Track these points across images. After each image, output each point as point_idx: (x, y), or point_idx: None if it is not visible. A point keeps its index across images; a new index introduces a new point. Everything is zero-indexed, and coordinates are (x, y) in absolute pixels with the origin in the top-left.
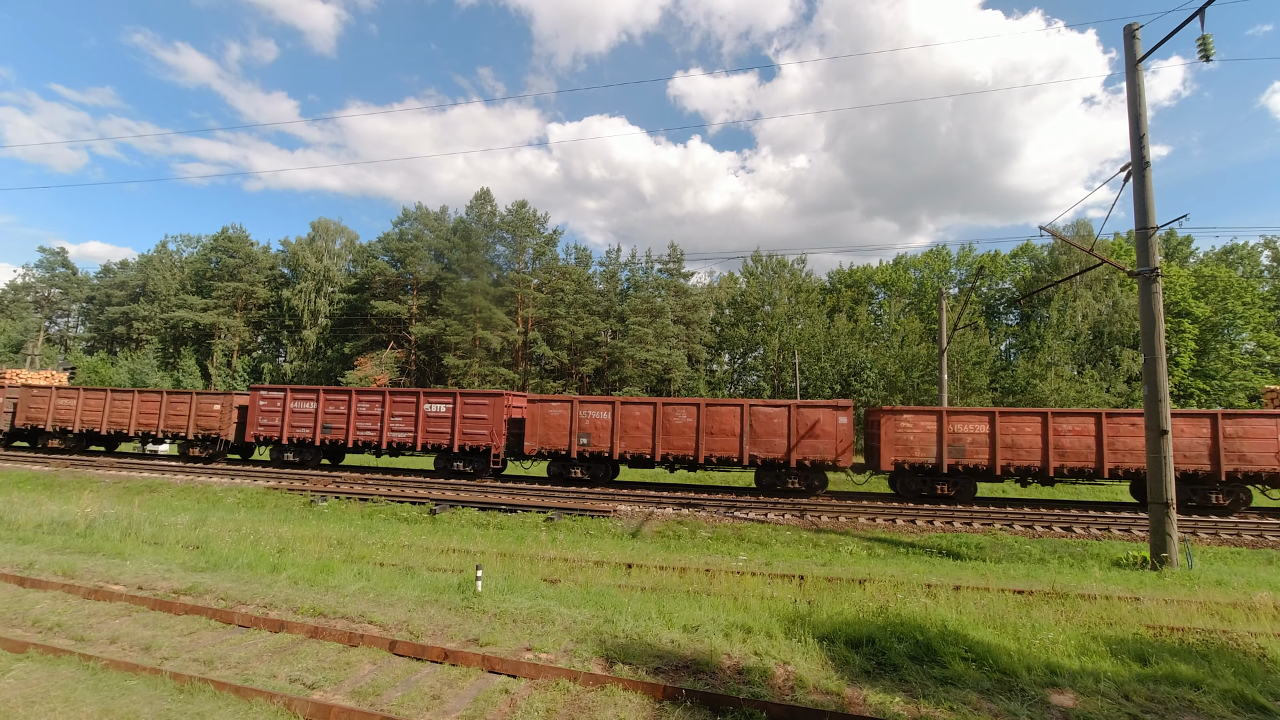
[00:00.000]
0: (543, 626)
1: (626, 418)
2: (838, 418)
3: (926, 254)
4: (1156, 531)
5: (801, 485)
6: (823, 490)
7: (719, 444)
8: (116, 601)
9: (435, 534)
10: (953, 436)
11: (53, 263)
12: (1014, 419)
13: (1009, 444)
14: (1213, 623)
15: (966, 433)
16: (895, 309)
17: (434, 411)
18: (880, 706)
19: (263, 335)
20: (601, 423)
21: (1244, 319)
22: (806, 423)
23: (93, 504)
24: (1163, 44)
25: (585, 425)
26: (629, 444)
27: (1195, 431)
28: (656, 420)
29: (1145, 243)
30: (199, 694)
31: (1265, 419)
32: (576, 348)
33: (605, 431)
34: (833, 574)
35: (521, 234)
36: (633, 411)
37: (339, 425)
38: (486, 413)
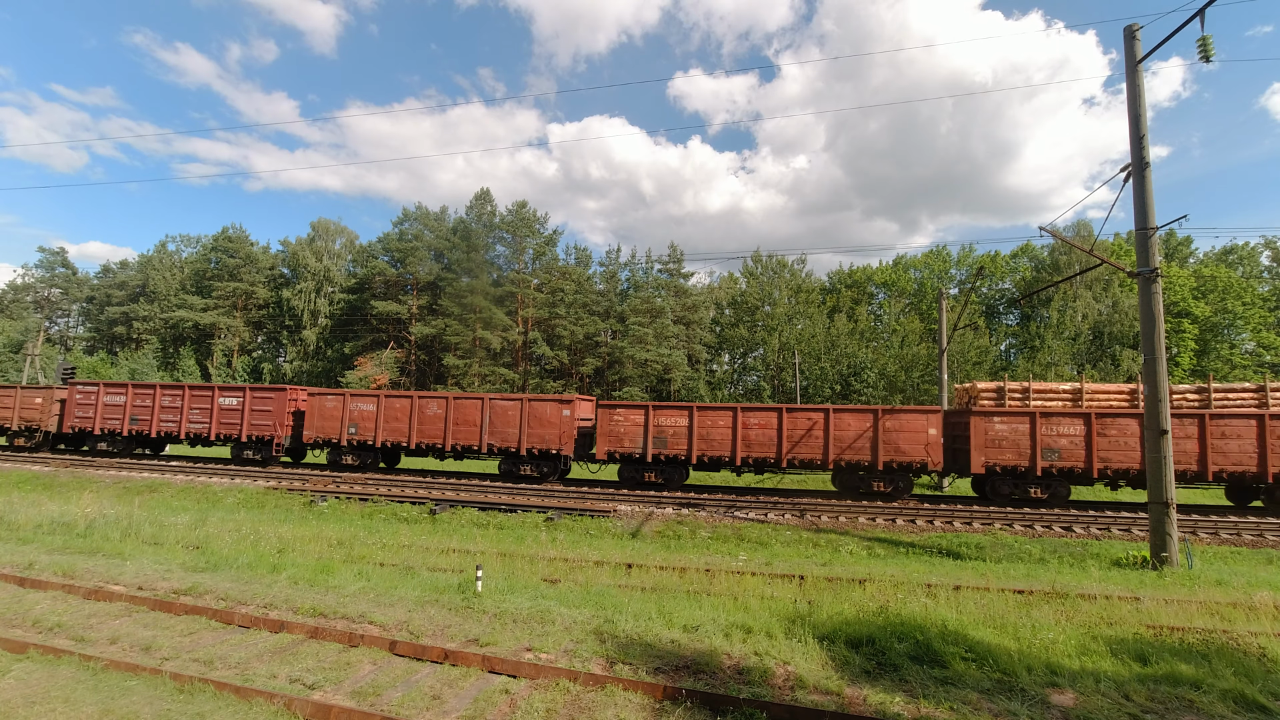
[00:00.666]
0: (543, 626)
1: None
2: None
3: (926, 254)
4: (1156, 531)
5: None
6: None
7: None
8: (116, 602)
9: (435, 534)
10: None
11: (52, 263)
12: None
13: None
14: (1213, 622)
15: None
16: (895, 309)
17: (227, 405)
18: (880, 706)
19: (263, 335)
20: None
21: (1244, 319)
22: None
23: (93, 504)
24: (1163, 45)
25: None
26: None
27: (860, 425)
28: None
29: (1145, 243)
30: (199, 694)
31: (916, 414)
32: (576, 348)
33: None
34: (833, 574)
35: (521, 234)
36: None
37: (144, 417)
38: (272, 405)
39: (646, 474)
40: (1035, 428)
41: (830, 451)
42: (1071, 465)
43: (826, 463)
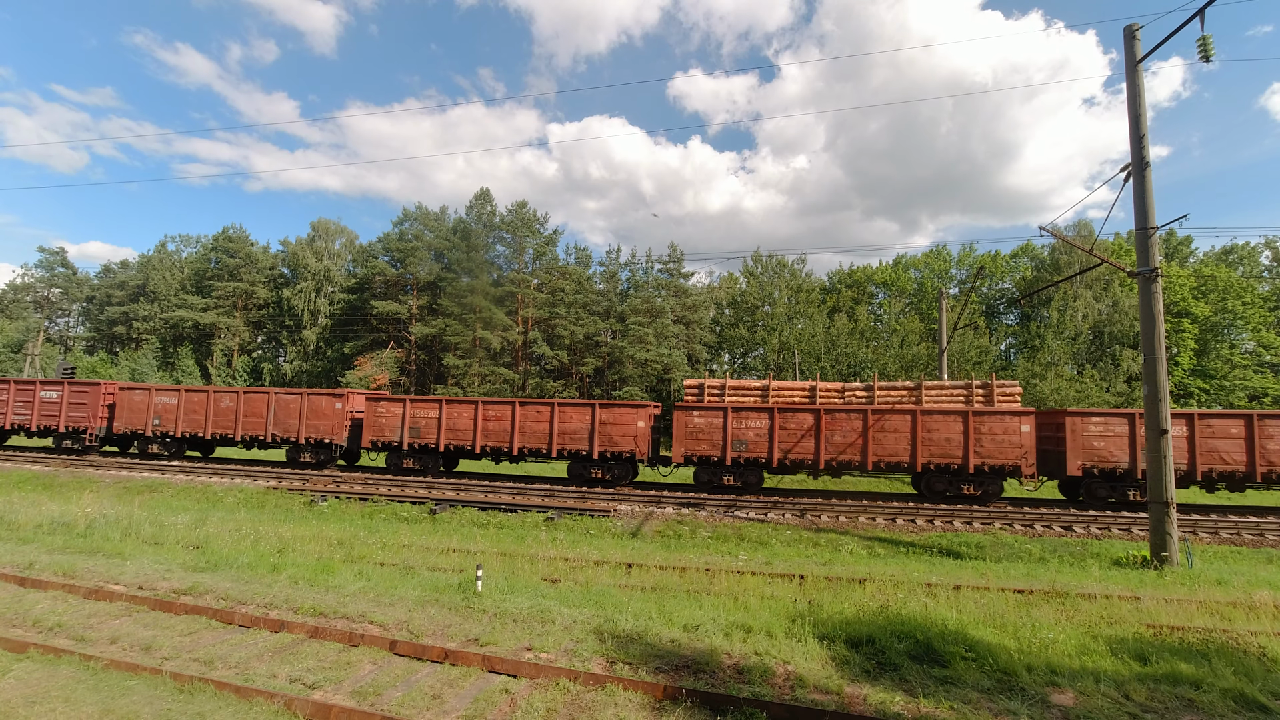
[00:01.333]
0: (543, 626)
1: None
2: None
3: (926, 254)
4: (1156, 531)
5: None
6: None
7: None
8: (117, 601)
9: (435, 534)
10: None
11: (52, 262)
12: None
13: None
14: (1213, 622)
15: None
16: (895, 309)
17: (47, 398)
18: (880, 706)
19: (263, 335)
20: None
21: (1244, 319)
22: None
23: (93, 504)
24: (1163, 44)
25: None
26: None
27: (581, 418)
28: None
29: (1145, 243)
30: (199, 694)
31: (626, 409)
32: (576, 348)
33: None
34: (833, 573)
35: (521, 234)
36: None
37: None
38: (87, 399)
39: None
40: (728, 421)
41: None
42: (756, 455)
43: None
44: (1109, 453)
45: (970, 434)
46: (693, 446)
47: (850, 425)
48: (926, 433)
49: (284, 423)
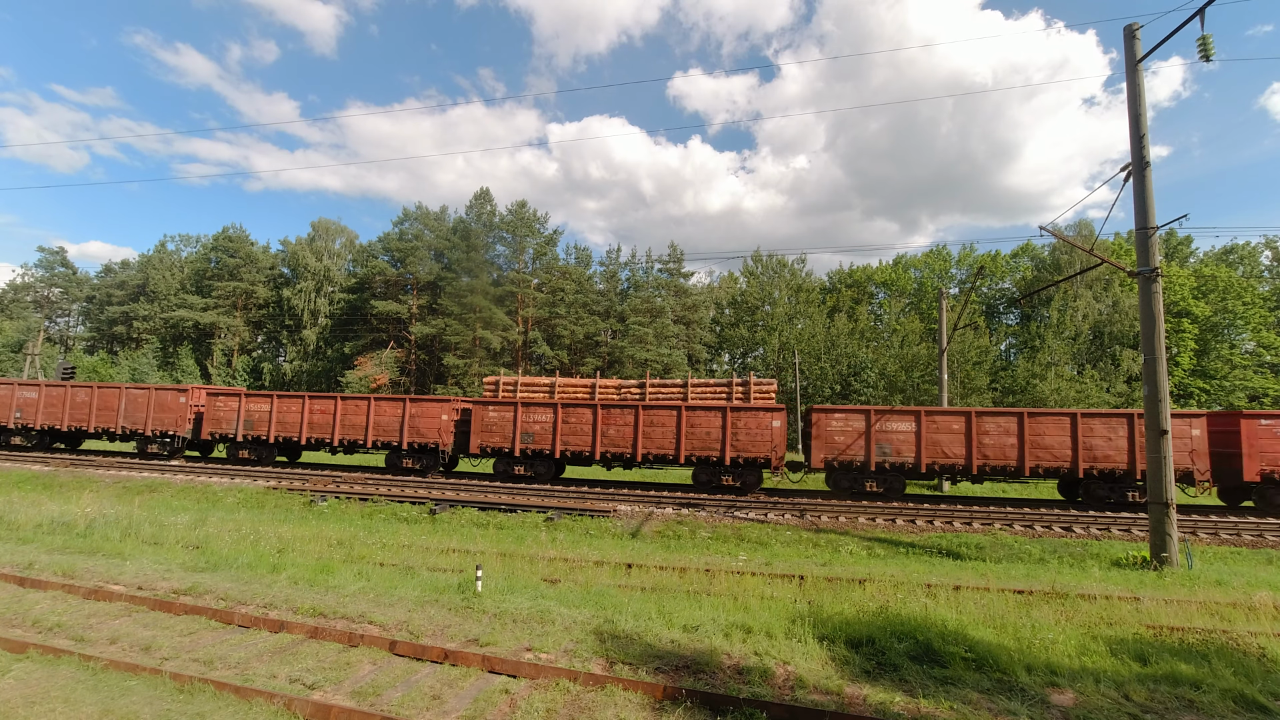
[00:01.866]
0: (543, 626)
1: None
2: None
3: (926, 254)
4: (1156, 531)
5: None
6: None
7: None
8: (116, 602)
9: (435, 534)
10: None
11: (52, 262)
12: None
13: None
14: (1213, 622)
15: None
16: (895, 309)
17: None
18: (880, 706)
19: (263, 335)
20: None
21: (1244, 319)
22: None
23: (93, 504)
24: (1163, 44)
25: None
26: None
27: (394, 411)
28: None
29: (1145, 243)
30: (199, 694)
31: (433, 404)
32: (576, 347)
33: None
34: (833, 574)
35: (521, 234)
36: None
37: None
38: None
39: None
40: (517, 415)
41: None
42: (542, 447)
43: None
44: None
45: (728, 428)
46: (488, 439)
47: (624, 420)
48: (690, 427)
49: (134, 416)
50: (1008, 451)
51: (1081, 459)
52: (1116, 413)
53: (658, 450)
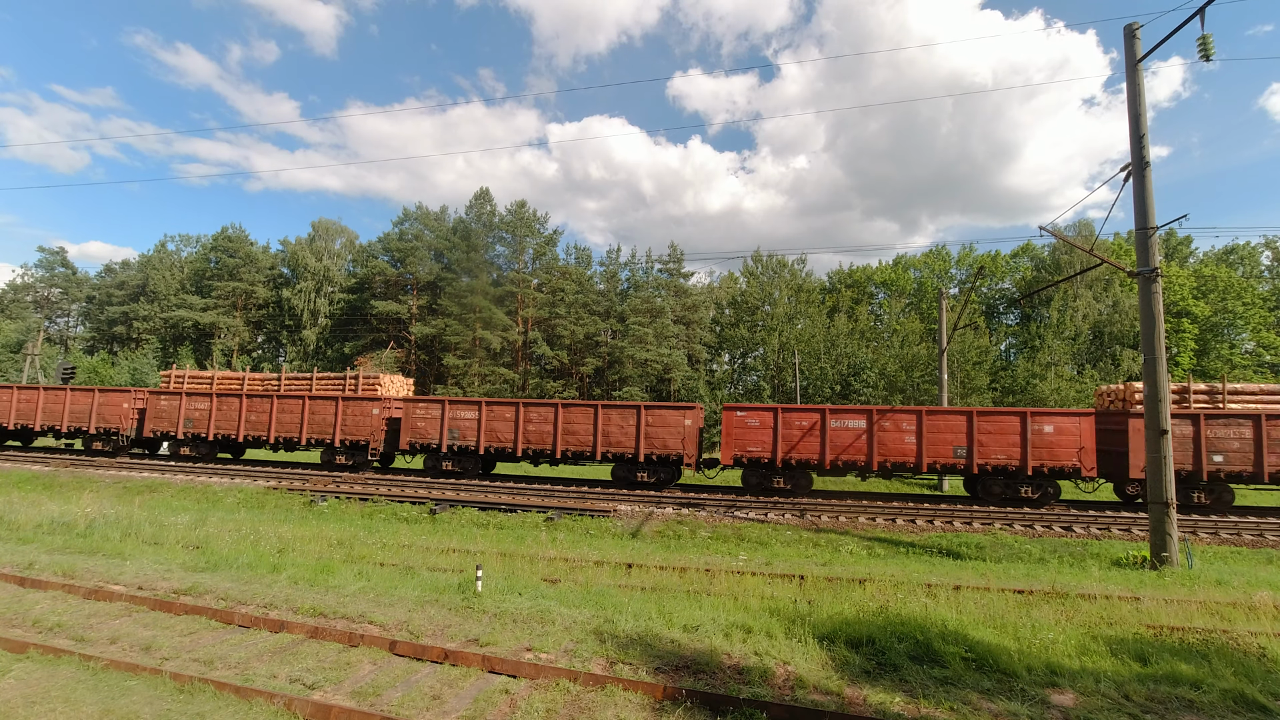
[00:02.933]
0: (543, 626)
1: None
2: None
3: (926, 254)
4: (1156, 531)
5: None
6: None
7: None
8: (116, 602)
9: (435, 534)
10: None
11: (52, 262)
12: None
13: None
14: (1213, 622)
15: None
16: (895, 309)
17: None
18: (880, 706)
19: (263, 335)
20: None
21: (1244, 319)
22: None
23: (93, 504)
24: (1163, 44)
25: None
26: None
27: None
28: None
29: (1145, 243)
30: (199, 694)
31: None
32: (577, 348)
33: None
34: (833, 574)
35: (521, 234)
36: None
37: None
38: None
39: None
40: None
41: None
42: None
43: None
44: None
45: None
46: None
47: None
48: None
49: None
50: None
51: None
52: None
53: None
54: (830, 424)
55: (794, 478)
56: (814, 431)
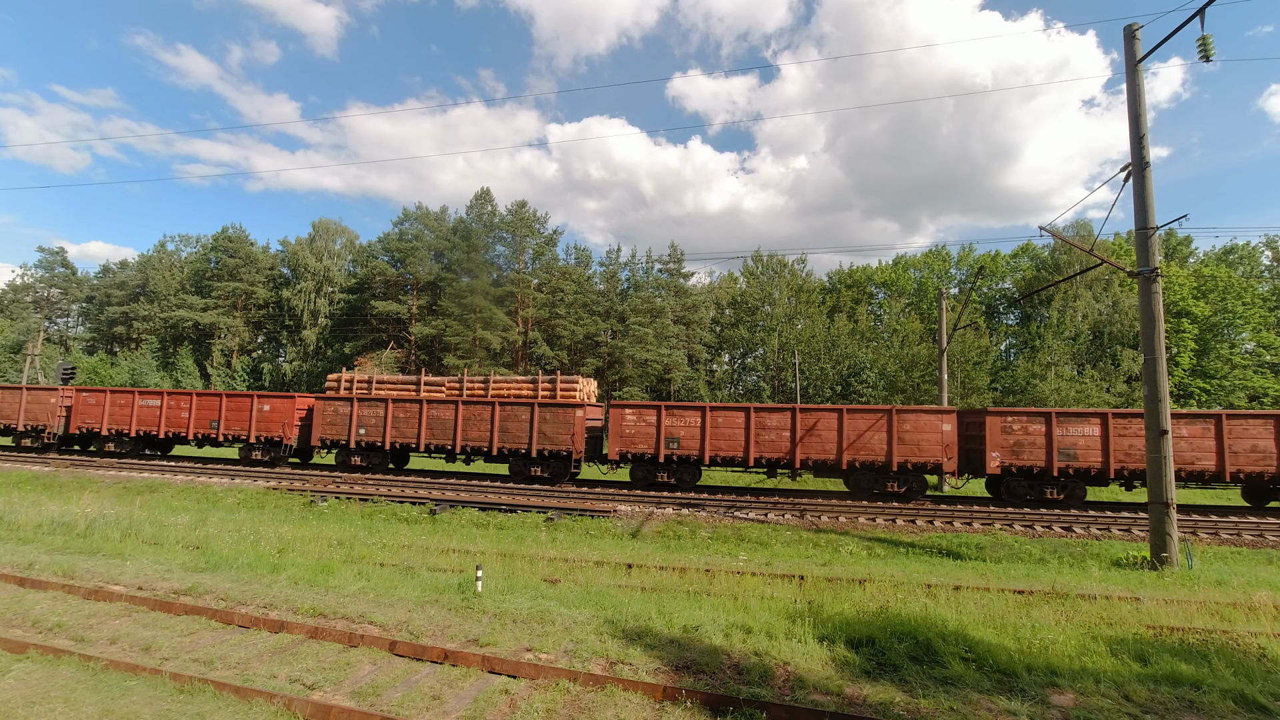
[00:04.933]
0: (543, 627)
1: None
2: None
3: (926, 254)
4: (1156, 531)
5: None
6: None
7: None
8: (116, 602)
9: (435, 534)
10: None
11: (51, 262)
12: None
13: None
14: (1213, 623)
15: None
16: (895, 309)
17: None
18: (880, 707)
19: (262, 335)
20: None
21: (1244, 319)
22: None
23: (93, 504)
24: (1163, 44)
25: None
26: None
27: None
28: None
29: (1145, 243)
30: (199, 694)
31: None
32: (577, 348)
33: None
34: (833, 574)
35: (521, 234)
36: None
37: None
38: None
39: (658, 475)
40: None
41: None
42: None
43: None
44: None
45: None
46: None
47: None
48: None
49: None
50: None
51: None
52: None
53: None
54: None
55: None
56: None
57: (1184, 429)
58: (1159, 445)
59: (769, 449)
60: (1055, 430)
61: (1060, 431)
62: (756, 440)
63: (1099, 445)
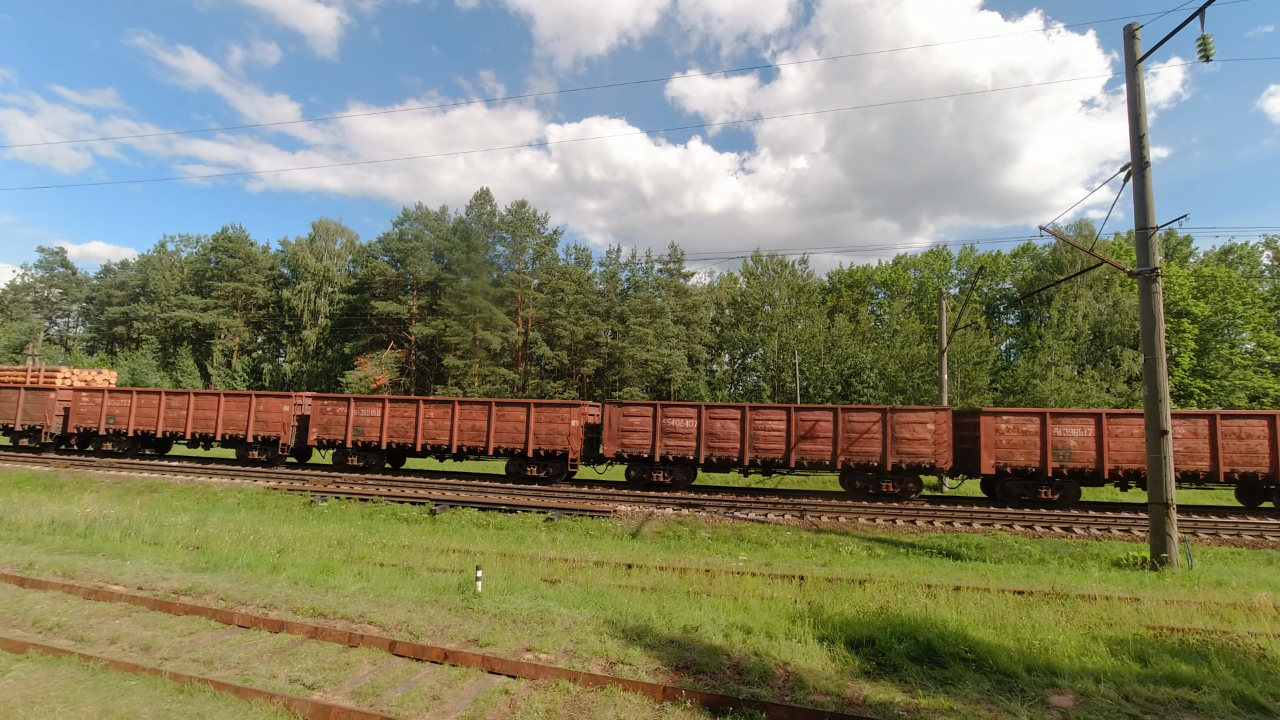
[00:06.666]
0: (543, 627)
1: None
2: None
3: (927, 254)
4: (1156, 532)
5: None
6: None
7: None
8: (116, 602)
9: (435, 534)
10: None
11: (51, 263)
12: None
13: None
14: (1213, 623)
15: None
16: (896, 309)
17: None
18: (880, 707)
19: (262, 335)
20: None
21: (1244, 319)
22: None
23: (93, 504)
24: (1163, 44)
25: None
26: None
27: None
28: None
29: (1145, 243)
30: (199, 694)
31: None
32: (577, 348)
33: None
34: (833, 574)
35: (521, 234)
36: None
37: None
38: None
39: (655, 474)
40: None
41: None
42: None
43: None
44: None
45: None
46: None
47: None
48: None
49: None
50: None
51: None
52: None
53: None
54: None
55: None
56: (692, 428)
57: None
58: (1159, 446)
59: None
60: (1050, 430)
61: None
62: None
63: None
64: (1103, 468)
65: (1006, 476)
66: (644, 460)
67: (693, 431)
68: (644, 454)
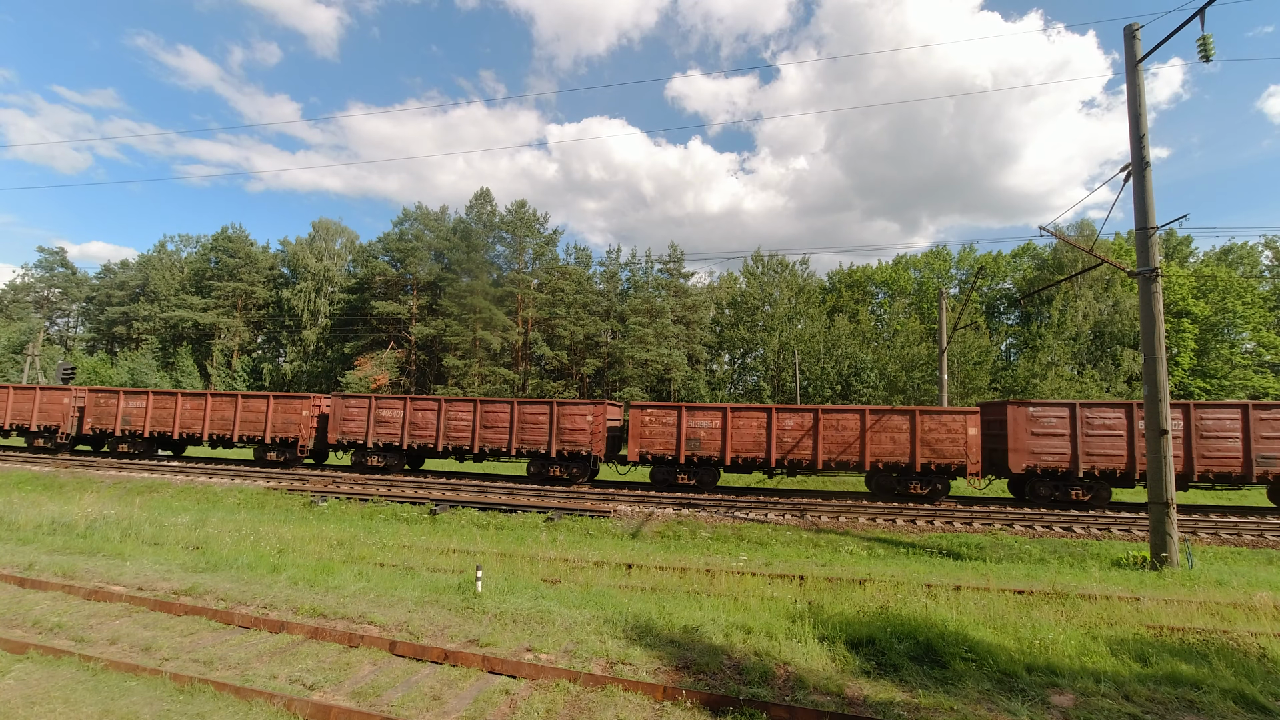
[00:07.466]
0: (543, 627)
1: None
2: None
3: (927, 254)
4: (1156, 531)
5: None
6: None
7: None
8: (116, 602)
9: (435, 534)
10: None
11: (51, 263)
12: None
13: None
14: (1213, 622)
15: None
16: (896, 309)
17: None
18: (880, 706)
19: (262, 335)
20: None
21: (1244, 319)
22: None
23: (93, 505)
24: (1163, 44)
25: None
26: None
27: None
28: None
29: (1145, 243)
30: (199, 695)
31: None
32: (577, 348)
33: None
34: (833, 574)
35: (521, 234)
36: None
37: None
38: None
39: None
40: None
41: None
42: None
43: None
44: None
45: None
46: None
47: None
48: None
49: None
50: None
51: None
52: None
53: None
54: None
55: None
56: (717, 430)
57: None
58: (1159, 445)
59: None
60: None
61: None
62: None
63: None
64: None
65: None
66: (668, 462)
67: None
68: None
